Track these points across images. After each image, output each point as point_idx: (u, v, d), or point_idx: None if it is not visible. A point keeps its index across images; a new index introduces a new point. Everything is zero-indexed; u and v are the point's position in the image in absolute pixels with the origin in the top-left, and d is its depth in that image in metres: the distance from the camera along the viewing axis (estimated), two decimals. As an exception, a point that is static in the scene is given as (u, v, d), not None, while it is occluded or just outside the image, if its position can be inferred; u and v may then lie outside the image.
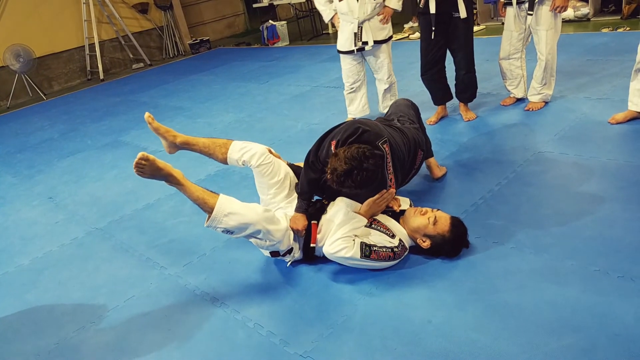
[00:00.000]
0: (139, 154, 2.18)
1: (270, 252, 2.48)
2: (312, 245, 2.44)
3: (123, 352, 2.19)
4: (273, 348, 2.05)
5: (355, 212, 2.42)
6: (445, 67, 3.91)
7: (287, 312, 2.24)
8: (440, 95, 4.03)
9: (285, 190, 2.60)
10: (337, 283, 2.35)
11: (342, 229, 2.32)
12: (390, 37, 3.99)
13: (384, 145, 2.35)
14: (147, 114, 2.57)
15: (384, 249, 2.29)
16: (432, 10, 3.61)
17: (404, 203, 2.61)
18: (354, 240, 2.27)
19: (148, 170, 2.21)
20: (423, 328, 1.99)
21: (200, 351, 2.11)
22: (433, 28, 3.66)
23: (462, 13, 3.59)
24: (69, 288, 2.76)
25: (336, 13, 4.00)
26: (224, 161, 2.67)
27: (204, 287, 2.52)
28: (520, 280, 2.14)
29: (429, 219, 2.34)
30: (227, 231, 2.27)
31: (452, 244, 2.34)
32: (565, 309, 1.95)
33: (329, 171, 2.22)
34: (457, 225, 2.35)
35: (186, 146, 2.68)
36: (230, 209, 2.23)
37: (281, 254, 2.46)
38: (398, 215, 2.50)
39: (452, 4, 3.60)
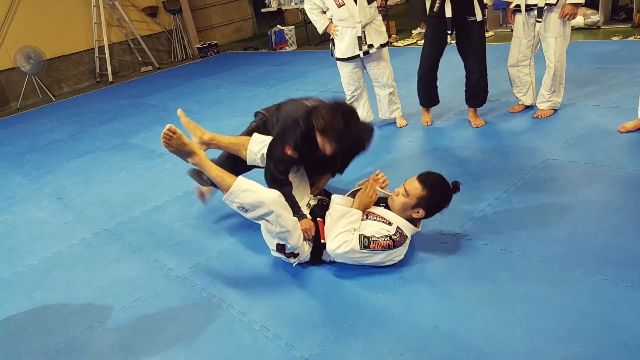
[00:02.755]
0: (167, 126, 2.30)
1: (277, 246, 2.46)
2: (322, 241, 2.46)
3: (129, 352, 2.20)
4: (279, 351, 2.05)
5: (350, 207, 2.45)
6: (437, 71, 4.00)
7: (293, 315, 2.24)
8: (428, 98, 4.14)
9: (297, 188, 2.65)
10: (344, 287, 2.35)
11: (339, 224, 2.36)
12: (388, 42, 4.02)
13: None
14: (179, 110, 2.68)
15: (383, 238, 2.31)
16: (448, 14, 3.63)
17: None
18: (352, 233, 2.32)
19: (174, 143, 2.32)
20: (429, 334, 1.99)
21: (206, 353, 2.12)
22: (449, 32, 3.70)
23: (478, 16, 3.60)
24: (77, 288, 2.77)
25: (331, 22, 3.99)
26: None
27: (211, 289, 2.53)
28: (527, 288, 2.14)
29: (402, 194, 2.39)
30: (242, 207, 2.32)
31: (436, 198, 2.37)
32: (573, 318, 1.94)
33: (326, 138, 2.33)
34: (426, 180, 2.38)
35: (213, 143, 2.73)
36: (248, 186, 2.32)
37: (287, 249, 2.45)
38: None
39: (468, 8, 3.62)
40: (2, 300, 2.79)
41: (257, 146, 2.65)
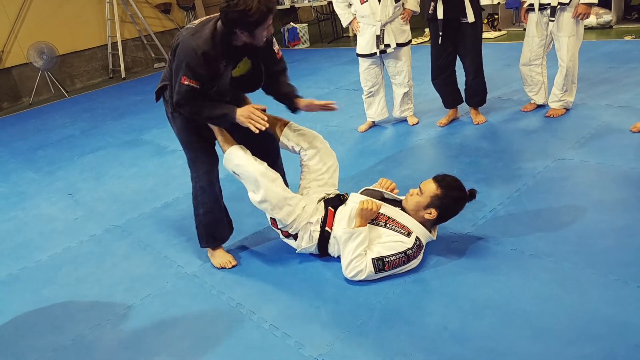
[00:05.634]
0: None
1: (271, 220, 2.56)
2: (327, 229, 2.47)
3: (138, 351, 2.21)
4: (288, 350, 2.05)
5: (353, 228, 2.37)
6: (455, 71, 3.97)
7: (303, 314, 2.24)
8: (450, 99, 4.10)
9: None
10: (354, 286, 2.34)
11: (347, 249, 2.33)
12: (410, 41, 3.99)
13: None
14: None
15: (396, 256, 2.28)
16: (440, 15, 3.67)
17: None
18: (364, 256, 2.31)
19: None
20: (439, 334, 1.98)
21: (215, 351, 2.12)
22: (440, 33, 3.73)
23: (470, 18, 3.63)
24: (86, 285, 2.79)
25: (354, 17, 4.00)
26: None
27: (220, 287, 2.53)
28: (538, 289, 2.12)
29: (416, 194, 2.39)
30: (235, 172, 2.58)
31: (450, 199, 2.35)
32: (584, 319, 1.92)
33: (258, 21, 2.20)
34: (442, 180, 2.37)
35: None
36: (242, 153, 2.58)
37: (279, 225, 2.52)
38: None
39: (459, 10, 3.65)
40: (12, 296, 2.81)
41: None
